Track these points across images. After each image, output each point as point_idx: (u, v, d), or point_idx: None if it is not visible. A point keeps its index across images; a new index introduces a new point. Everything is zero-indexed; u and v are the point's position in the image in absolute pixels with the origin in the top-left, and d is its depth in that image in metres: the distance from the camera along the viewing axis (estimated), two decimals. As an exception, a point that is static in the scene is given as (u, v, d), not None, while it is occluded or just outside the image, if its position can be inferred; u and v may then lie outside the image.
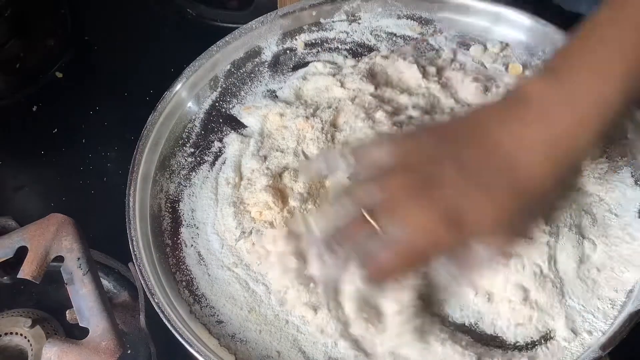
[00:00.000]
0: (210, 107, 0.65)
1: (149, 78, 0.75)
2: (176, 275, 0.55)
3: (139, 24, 0.85)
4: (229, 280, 0.54)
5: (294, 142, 0.59)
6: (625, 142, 0.59)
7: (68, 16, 0.83)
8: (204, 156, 0.62)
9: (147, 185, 0.58)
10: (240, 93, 0.65)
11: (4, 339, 0.55)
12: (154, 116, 0.61)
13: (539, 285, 0.50)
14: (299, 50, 0.68)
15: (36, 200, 0.72)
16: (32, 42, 0.80)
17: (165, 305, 0.51)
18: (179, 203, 0.59)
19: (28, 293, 0.59)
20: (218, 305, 0.53)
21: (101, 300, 0.49)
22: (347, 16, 0.69)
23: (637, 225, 0.54)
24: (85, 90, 0.77)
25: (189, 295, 0.54)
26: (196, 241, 0.56)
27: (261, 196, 0.55)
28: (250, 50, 0.67)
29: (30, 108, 0.76)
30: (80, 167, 0.71)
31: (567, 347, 0.50)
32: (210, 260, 0.55)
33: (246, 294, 0.53)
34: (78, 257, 0.51)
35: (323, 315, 0.50)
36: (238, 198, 0.57)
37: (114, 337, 0.48)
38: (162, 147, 0.60)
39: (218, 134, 0.63)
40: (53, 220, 0.53)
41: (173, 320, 0.50)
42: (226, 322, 0.52)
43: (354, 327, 0.48)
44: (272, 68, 0.67)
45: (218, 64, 0.65)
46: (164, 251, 0.56)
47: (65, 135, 0.74)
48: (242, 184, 0.58)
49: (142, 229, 0.55)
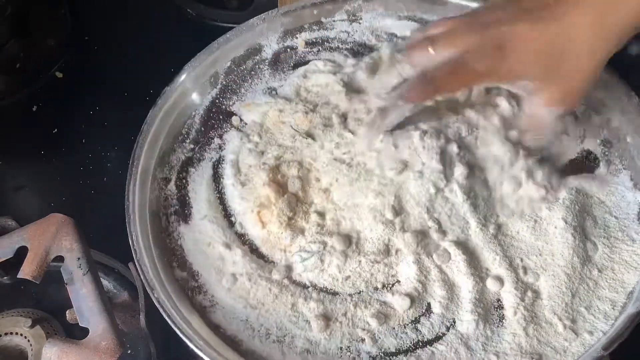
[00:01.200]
0: (211, 104, 0.65)
1: (149, 78, 0.74)
2: (176, 271, 0.55)
3: (139, 24, 0.85)
4: (230, 275, 0.54)
5: (292, 137, 0.59)
6: (624, 146, 0.59)
7: (68, 16, 0.83)
8: (204, 152, 0.62)
9: (147, 181, 0.58)
10: (241, 90, 0.65)
11: (4, 339, 0.55)
12: (154, 111, 0.61)
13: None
14: (299, 49, 0.68)
15: (36, 200, 0.72)
16: (32, 42, 0.80)
17: (165, 300, 0.51)
18: (179, 199, 0.59)
19: (28, 293, 0.59)
20: (219, 301, 0.53)
21: (101, 300, 0.49)
22: (348, 16, 0.69)
23: (636, 228, 0.55)
24: (85, 90, 0.77)
25: (189, 290, 0.54)
26: (196, 237, 0.57)
27: (262, 191, 0.55)
28: (250, 47, 0.67)
29: (30, 108, 0.76)
30: (80, 167, 0.71)
31: (569, 347, 0.50)
32: (210, 256, 0.55)
33: (248, 289, 0.53)
34: (78, 257, 0.51)
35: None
36: (238, 194, 0.57)
37: (114, 337, 0.47)
38: (161, 142, 0.60)
39: (218, 130, 0.63)
40: (53, 220, 0.52)
41: (173, 316, 0.50)
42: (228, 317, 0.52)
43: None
44: (272, 66, 0.67)
45: (218, 61, 0.65)
46: (163, 247, 0.56)
47: (65, 135, 0.74)
48: (241, 179, 0.58)
49: (142, 224, 0.55)
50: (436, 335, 0.51)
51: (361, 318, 0.52)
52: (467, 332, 0.51)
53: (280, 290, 0.52)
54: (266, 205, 0.55)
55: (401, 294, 0.52)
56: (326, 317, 0.51)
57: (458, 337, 0.51)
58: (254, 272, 0.53)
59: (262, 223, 0.55)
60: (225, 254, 0.55)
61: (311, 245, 0.53)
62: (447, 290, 0.52)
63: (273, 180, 0.56)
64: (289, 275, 0.54)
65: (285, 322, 0.52)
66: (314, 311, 0.52)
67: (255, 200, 0.56)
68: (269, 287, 0.53)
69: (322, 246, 0.53)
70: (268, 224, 0.55)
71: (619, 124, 0.60)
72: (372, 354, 0.50)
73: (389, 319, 0.52)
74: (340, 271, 0.53)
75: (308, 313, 0.52)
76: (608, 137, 0.61)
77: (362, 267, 0.53)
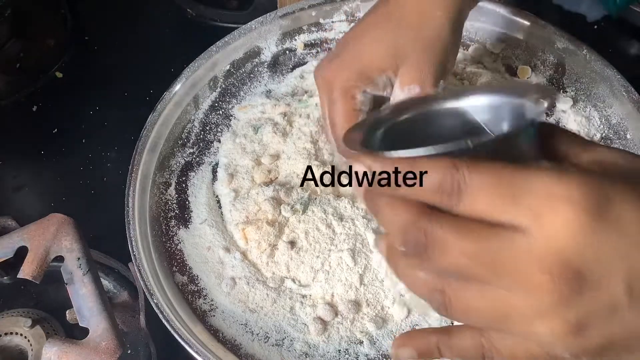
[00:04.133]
0: (210, 108, 0.65)
1: (149, 78, 0.75)
2: (175, 275, 0.55)
3: (139, 24, 0.85)
4: (229, 280, 0.54)
5: (283, 137, 0.59)
6: (624, 143, 0.59)
7: (68, 16, 0.83)
8: (203, 156, 0.62)
9: (147, 186, 0.58)
10: (240, 93, 0.65)
11: (4, 339, 0.55)
12: (153, 116, 0.61)
13: None
14: (298, 51, 0.68)
15: (36, 200, 0.72)
16: (32, 42, 0.80)
17: (164, 306, 0.51)
18: (179, 203, 0.59)
19: (28, 293, 0.59)
20: (219, 305, 0.53)
21: (101, 300, 0.49)
22: (346, 16, 0.69)
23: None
24: (85, 90, 0.77)
25: (189, 295, 0.54)
26: (196, 241, 0.57)
27: (251, 207, 0.55)
28: (249, 50, 0.67)
29: (30, 108, 0.76)
30: (80, 167, 0.71)
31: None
32: (210, 260, 0.55)
33: (247, 292, 0.53)
34: (78, 257, 0.51)
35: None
36: (229, 201, 0.57)
37: (114, 337, 0.48)
38: (161, 147, 0.61)
39: (217, 134, 0.63)
40: (53, 220, 0.53)
41: (172, 321, 0.50)
42: (227, 321, 0.52)
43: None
44: (271, 68, 0.67)
45: (217, 64, 0.65)
46: (163, 252, 0.56)
47: (65, 135, 0.74)
48: (232, 186, 0.58)
49: (142, 229, 0.55)
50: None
51: (359, 322, 0.52)
52: None
53: (278, 295, 0.53)
54: (252, 223, 0.55)
55: (399, 304, 0.52)
56: (324, 321, 0.51)
57: None
58: (252, 276, 0.53)
59: (246, 239, 0.55)
60: (225, 258, 0.55)
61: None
62: None
63: (263, 183, 0.56)
64: (282, 285, 0.54)
65: (284, 325, 0.52)
66: (311, 315, 0.52)
67: (243, 215, 0.56)
68: (267, 292, 0.53)
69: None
70: (250, 242, 0.55)
71: (618, 121, 0.60)
72: (371, 356, 0.51)
73: (387, 323, 0.52)
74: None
75: (305, 317, 0.52)
76: (608, 134, 0.61)
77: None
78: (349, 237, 0.53)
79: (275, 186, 0.56)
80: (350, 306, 0.51)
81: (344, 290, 0.52)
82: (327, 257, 0.53)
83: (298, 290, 0.53)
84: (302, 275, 0.53)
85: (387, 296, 0.52)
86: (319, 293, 0.52)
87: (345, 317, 0.52)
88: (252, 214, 0.55)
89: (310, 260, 0.53)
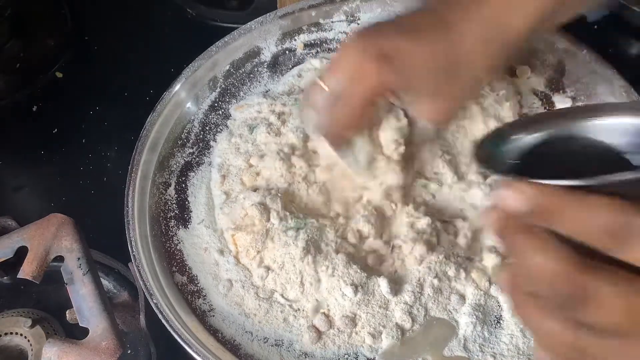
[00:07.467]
0: (210, 108, 0.65)
1: (149, 78, 0.75)
2: (176, 275, 0.55)
3: (139, 24, 0.85)
4: (226, 282, 0.54)
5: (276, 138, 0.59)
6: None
7: (68, 16, 0.83)
8: (203, 156, 0.62)
9: (146, 186, 0.58)
10: (240, 93, 0.65)
11: (4, 339, 0.55)
12: (153, 117, 0.61)
13: None
14: (298, 51, 0.68)
15: (36, 200, 0.72)
16: (32, 42, 0.80)
17: (164, 306, 0.51)
18: (178, 203, 0.59)
19: (28, 293, 0.59)
20: (217, 306, 0.53)
21: (101, 300, 0.49)
22: (346, 17, 0.69)
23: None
24: (85, 90, 0.77)
25: (188, 295, 0.54)
26: (194, 241, 0.57)
27: (240, 212, 0.55)
28: (249, 50, 0.67)
29: (30, 108, 0.76)
30: (80, 167, 0.71)
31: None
32: (207, 262, 0.55)
33: (242, 296, 0.53)
34: (78, 257, 0.51)
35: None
36: (219, 204, 0.57)
37: (114, 337, 0.48)
38: (161, 147, 0.61)
39: (217, 134, 0.63)
40: (53, 220, 0.53)
41: (172, 321, 0.50)
42: (227, 322, 0.52)
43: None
44: (271, 68, 0.67)
45: (217, 65, 0.65)
46: (163, 252, 0.56)
47: (65, 135, 0.74)
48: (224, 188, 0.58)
49: (141, 230, 0.55)
50: (434, 336, 0.51)
51: (357, 335, 0.51)
52: (464, 334, 0.51)
53: (270, 305, 0.52)
54: (241, 228, 0.54)
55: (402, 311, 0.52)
56: (319, 330, 0.51)
57: (456, 339, 0.51)
58: (246, 280, 0.53)
59: (236, 245, 0.55)
60: (220, 260, 0.55)
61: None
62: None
63: (251, 187, 0.56)
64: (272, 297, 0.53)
65: (280, 332, 0.52)
66: (305, 325, 0.51)
67: (230, 220, 0.55)
68: (259, 302, 0.52)
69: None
70: (240, 248, 0.54)
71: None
72: (371, 357, 0.50)
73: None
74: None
75: (299, 328, 0.51)
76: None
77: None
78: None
79: (262, 191, 0.55)
80: (347, 321, 0.51)
81: (338, 305, 0.51)
82: (314, 275, 0.52)
83: (289, 304, 0.52)
84: (290, 293, 0.52)
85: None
86: (310, 308, 0.52)
87: (342, 330, 0.51)
88: (239, 219, 0.55)
89: (295, 278, 0.52)
